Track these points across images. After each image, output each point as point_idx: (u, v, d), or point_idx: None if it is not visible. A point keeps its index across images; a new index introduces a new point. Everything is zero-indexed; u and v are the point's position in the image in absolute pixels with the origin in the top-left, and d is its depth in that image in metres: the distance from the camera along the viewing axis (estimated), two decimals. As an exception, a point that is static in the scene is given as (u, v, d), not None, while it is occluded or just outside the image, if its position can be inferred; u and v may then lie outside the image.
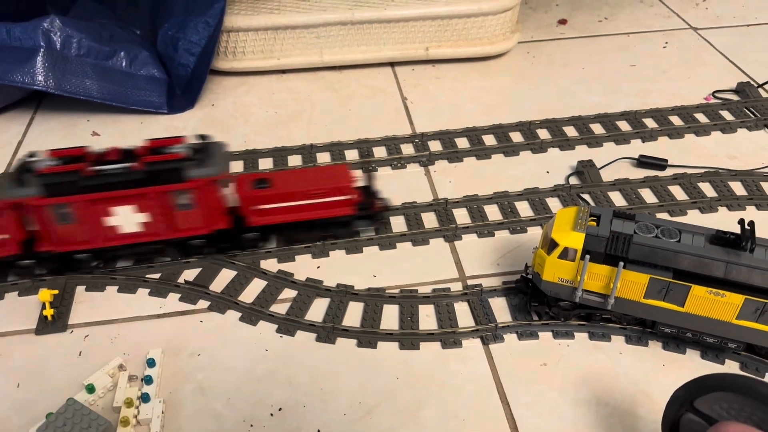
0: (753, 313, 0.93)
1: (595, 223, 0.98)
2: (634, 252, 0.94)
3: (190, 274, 1.17)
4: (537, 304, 1.06)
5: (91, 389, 0.98)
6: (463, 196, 1.31)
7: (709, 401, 0.76)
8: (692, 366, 1.01)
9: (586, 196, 1.32)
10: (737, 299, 0.93)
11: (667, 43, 1.86)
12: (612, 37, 1.89)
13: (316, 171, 1.26)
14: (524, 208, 1.30)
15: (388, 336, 1.06)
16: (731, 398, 0.75)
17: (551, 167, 1.41)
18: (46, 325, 1.09)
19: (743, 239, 0.91)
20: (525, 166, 1.41)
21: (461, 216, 1.28)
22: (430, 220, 1.28)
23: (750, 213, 1.28)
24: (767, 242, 0.93)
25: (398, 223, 1.27)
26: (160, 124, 1.57)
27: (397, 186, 1.36)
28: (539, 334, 1.06)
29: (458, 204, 1.30)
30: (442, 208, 1.30)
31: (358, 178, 1.21)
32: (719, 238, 0.93)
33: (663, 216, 1.27)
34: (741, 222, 0.93)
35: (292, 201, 1.17)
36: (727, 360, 1.02)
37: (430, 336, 1.06)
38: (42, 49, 1.48)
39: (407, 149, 1.47)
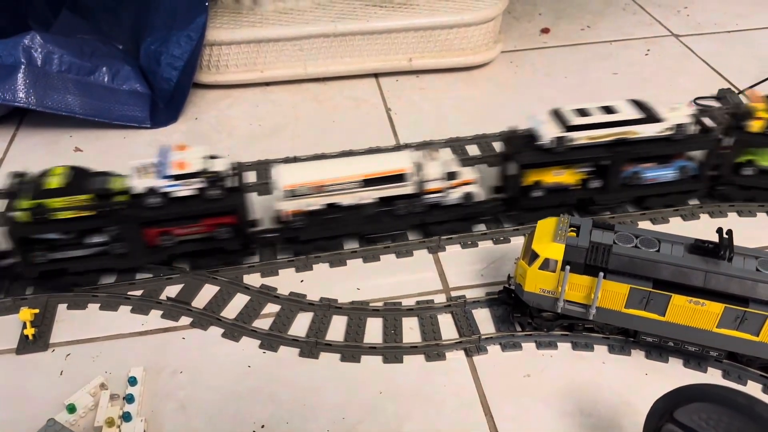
0: (733, 321, 0.94)
1: (574, 234, 0.98)
2: (613, 262, 0.94)
3: (172, 291, 1.16)
4: (520, 314, 1.06)
5: (72, 409, 0.97)
6: (447, 207, 1.32)
7: (688, 412, 0.76)
8: (675, 375, 1.01)
9: (569, 205, 1.33)
10: (717, 308, 0.93)
11: (649, 50, 1.87)
12: (594, 45, 1.90)
13: None
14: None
15: (372, 350, 1.06)
16: (710, 409, 0.75)
17: (534, 177, 1.41)
18: (27, 345, 1.08)
19: (721, 248, 0.92)
20: (508, 176, 1.42)
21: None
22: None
23: (732, 220, 1.29)
24: (745, 251, 0.94)
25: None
26: (144, 139, 1.57)
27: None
28: (522, 345, 1.06)
29: (442, 215, 1.31)
30: (426, 219, 1.30)
31: None
32: (698, 248, 0.94)
33: (645, 224, 1.28)
34: (719, 231, 0.94)
35: None
36: (709, 368, 1.02)
37: (413, 349, 1.06)
38: (23, 66, 1.48)
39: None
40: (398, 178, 1.16)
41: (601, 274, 0.95)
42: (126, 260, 1.15)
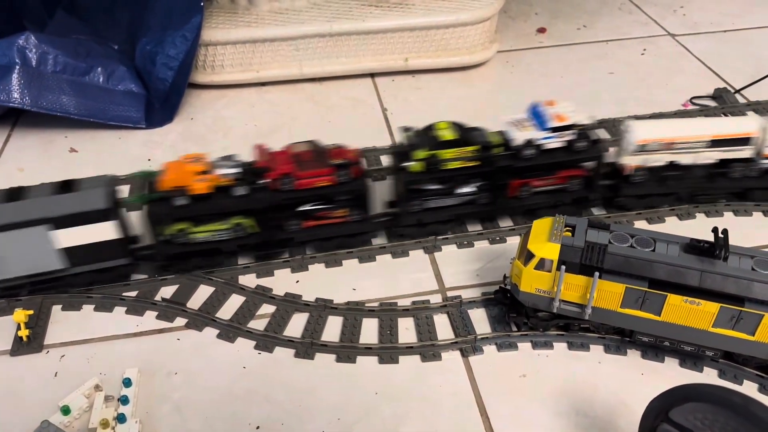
0: (729, 320, 0.94)
1: (570, 234, 0.98)
2: (609, 262, 0.94)
3: (167, 291, 1.16)
4: (515, 315, 1.06)
5: (66, 411, 0.96)
6: (443, 207, 1.31)
7: (684, 412, 0.76)
8: (671, 374, 1.01)
9: (566, 205, 1.33)
10: (713, 307, 0.93)
11: (645, 50, 1.87)
12: (590, 45, 1.90)
13: None
14: (503, 218, 1.30)
15: (367, 350, 1.06)
16: (706, 408, 0.75)
17: (530, 176, 1.41)
18: (21, 346, 1.07)
19: (717, 247, 0.92)
20: (504, 176, 1.41)
21: (441, 227, 1.28)
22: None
23: (727, 219, 1.29)
24: (741, 250, 0.94)
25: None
26: (139, 139, 1.57)
27: (377, 197, 1.36)
28: (518, 345, 1.06)
29: (438, 215, 1.30)
30: (422, 219, 1.30)
31: None
32: (693, 247, 0.94)
33: (641, 224, 1.28)
34: (715, 230, 0.94)
35: None
36: (705, 368, 1.02)
37: (409, 349, 1.06)
38: (17, 66, 1.47)
39: (388, 161, 1.46)
40: (744, 141, 1.19)
41: (597, 273, 0.94)
42: (490, 210, 1.24)
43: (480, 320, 1.10)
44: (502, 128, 1.20)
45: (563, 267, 0.96)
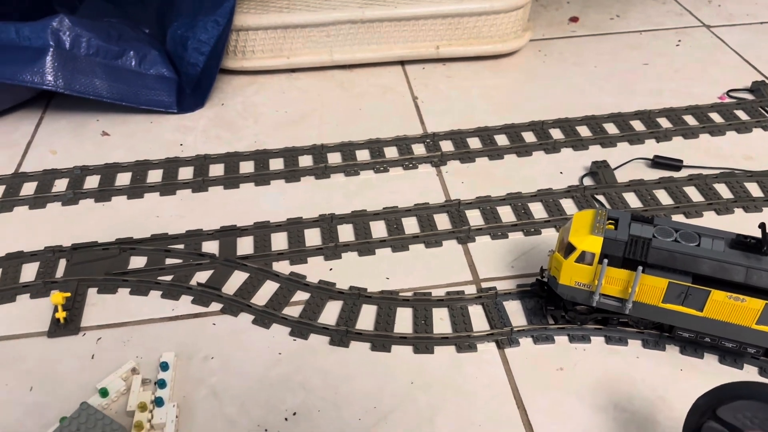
0: (774, 318, 0.92)
1: (613, 227, 0.96)
2: (653, 256, 0.93)
3: (202, 276, 1.16)
4: (553, 307, 1.05)
5: (104, 393, 0.97)
6: (476, 197, 1.30)
7: (732, 410, 0.75)
8: (710, 371, 1.00)
9: (601, 198, 1.31)
10: (757, 304, 0.91)
11: (680, 41, 1.84)
12: (624, 35, 1.87)
13: None
14: (538, 210, 1.29)
15: (402, 339, 1.05)
16: (755, 407, 0.73)
17: (565, 168, 1.39)
18: (58, 328, 1.08)
19: (764, 243, 0.90)
20: (538, 167, 1.40)
21: (474, 217, 1.27)
22: (442, 221, 1.27)
23: (767, 215, 1.27)
24: (789, 247, 0.92)
25: (410, 225, 1.26)
26: (170, 124, 1.57)
27: (408, 187, 1.35)
28: (555, 338, 1.05)
29: (471, 205, 1.29)
30: (455, 209, 1.29)
31: None
32: (739, 243, 0.92)
33: (679, 218, 1.26)
34: (762, 226, 0.92)
35: None
36: (745, 365, 1.00)
37: (444, 340, 1.05)
38: (51, 49, 1.47)
39: (419, 149, 1.45)
40: None
41: (640, 268, 0.93)
42: None
43: (515, 312, 1.09)
44: None
45: (605, 260, 0.94)
